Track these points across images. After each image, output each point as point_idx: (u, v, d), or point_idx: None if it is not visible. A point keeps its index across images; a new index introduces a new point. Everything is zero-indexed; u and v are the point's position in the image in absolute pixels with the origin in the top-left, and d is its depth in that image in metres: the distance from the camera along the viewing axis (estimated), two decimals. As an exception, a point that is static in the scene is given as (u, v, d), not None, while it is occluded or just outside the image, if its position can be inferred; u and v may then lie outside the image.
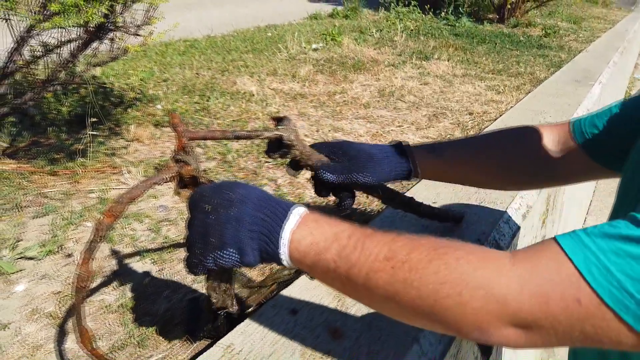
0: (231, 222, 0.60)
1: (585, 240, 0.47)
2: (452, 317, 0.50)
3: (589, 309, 0.45)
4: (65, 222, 1.47)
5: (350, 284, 0.57)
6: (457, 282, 0.49)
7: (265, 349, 0.85)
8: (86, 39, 1.50)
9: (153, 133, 2.16)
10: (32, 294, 1.21)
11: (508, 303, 0.47)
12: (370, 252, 0.56)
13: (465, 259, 0.50)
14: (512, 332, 0.48)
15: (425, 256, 0.52)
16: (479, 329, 0.49)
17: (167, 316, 1.15)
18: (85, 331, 0.77)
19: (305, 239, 0.59)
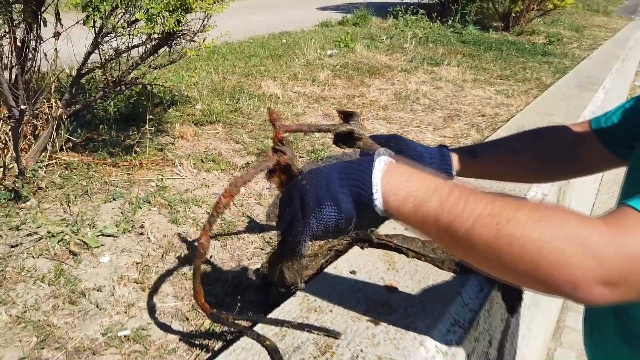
0: (322, 182, 0.66)
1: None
2: (552, 273, 0.54)
3: None
4: (133, 206, 1.66)
5: (450, 235, 0.60)
6: (561, 241, 0.53)
7: (335, 299, 1.03)
8: (156, 44, 1.70)
9: (195, 130, 2.35)
10: (116, 264, 1.40)
11: (604, 262, 0.52)
12: (474, 207, 0.58)
13: (568, 221, 0.55)
14: (600, 290, 0.53)
15: (531, 216, 0.56)
16: (573, 284, 0.53)
17: (236, 282, 1.34)
18: (200, 289, 0.93)
19: (401, 188, 0.63)
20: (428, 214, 0.62)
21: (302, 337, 0.92)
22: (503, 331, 1.38)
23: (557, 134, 1.10)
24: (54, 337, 1.14)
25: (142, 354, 1.11)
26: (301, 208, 0.69)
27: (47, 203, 1.67)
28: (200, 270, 0.90)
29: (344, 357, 0.86)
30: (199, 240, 0.86)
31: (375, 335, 0.92)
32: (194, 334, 1.17)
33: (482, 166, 1.11)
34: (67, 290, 1.28)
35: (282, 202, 0.74)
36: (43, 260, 1.39)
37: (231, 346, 0.90)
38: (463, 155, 1.09)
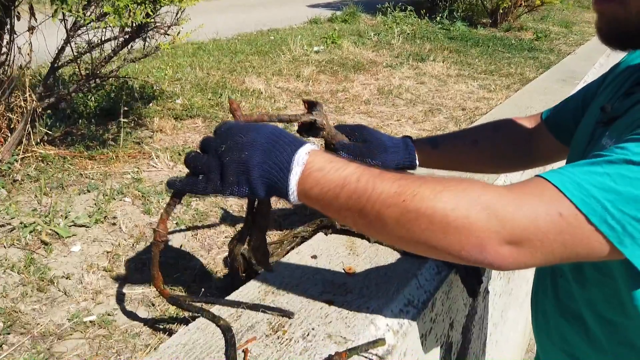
0: (241, 166, 0.64)
1: (560, 170, 0.57)
2: (459, 239, 0.56)
3: (569, 219, 0.54)
4: (107, 197, 1.68)
5: (364, 220, 0.62)
6: (465, 206, 0.56)
7: (293, 282, 1.05)
8: (128, 38, 1.71)
9: (174, 124, 2.37)
10: (86, 253, 1.42)
11: (506, 221, 0.55)
12: (381, 190, 0.60)
13: (470, 188, 0.57)
14: (506, 250, 0.55)
15: (434, 188, 0.58)
16: (480, 246, 0.56)
17: (205, 269, 1.36)
18: (158, 275, 0.95)
19: (313, 189, 0.63)
20: (340, 207, 0.63)
21: (256, 317, 0.94)
22: (468, 315, 1.41)
23: (514, 125, 1.13)
24: (21, 323, 1.16)
25: (107, 338, 1.13)
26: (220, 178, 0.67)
27: (21, 195, 1.69)
28: (157, 257, 0.91)
29: (296, 335, 0.89)
30: (156, 229, 0.87)
31: (328, 314, 0.95)
32: (158, 319, 1.19)
33: (444, 156, 1.13)
34: (36, 279, 1.29)
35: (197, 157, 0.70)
36: (14, 250, 1.41)
37: (186, 326, 0.92)
38: (425, 146, 1.12)
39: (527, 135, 1.11)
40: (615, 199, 0.53)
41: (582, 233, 0.54)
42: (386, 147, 1.09)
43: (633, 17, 0.64)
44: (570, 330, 0.82)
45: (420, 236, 0.59)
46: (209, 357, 0.83)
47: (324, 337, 0.88)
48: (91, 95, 2.52)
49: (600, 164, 0.55)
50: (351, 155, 1.06)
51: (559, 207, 0.54)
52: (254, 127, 0.69)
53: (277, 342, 0.87)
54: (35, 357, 1.07)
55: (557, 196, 0.55)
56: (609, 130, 0.71)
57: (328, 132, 1.05)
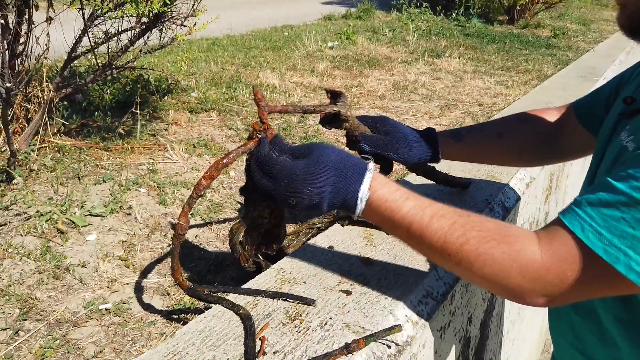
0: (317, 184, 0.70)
1: (580, 214, 0.60)
2: (498, 290, 0.66)
3: (597, 274, 0.58)
4: (122, 188, 1.68)
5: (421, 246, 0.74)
6: (502, 269, 0.64)
7: (310, 271, 1.04)
8: (144, 28, 1.71)
9: (189, 117, 2.37)
10: (102, 242, 1.42)
11: (539, 283, 0.62)
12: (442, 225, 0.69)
13: (507, 253, 0.64)
14: (541, 300, 0.63)
15: (474, 250, 0.66)
16: (519, 297, 0.66)
17: (219, 259, 1.35)
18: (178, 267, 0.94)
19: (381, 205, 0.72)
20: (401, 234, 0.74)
21: (273, 305, 0.92)
22: (486, 311, 1.38)
23: (541, 117, 1.09)
24: (37, 310, 1.16)
25: (122, 325, 1.12)
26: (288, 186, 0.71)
27: (38, 184, 1.69)
28: (178, 250, 0.90)
29: (313, 324, 0.87)
30: (177, 221, 0.85)
31: (346, 304, 0.93)
32: (173, 307, 1.18)
33: (468, 149, 1.11)
34: (52, 266, 1.30)
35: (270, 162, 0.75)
36: (30, 238, 1.41)
37: (202, 314, 0.91)
38: (449, 138, 1.09)
39: (555, 128, 1.07)
40: (635, 245, 0.55)
41: (610, 280, 0.57)
42: (409, 141, 1.05)
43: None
44: (583, 327, 0.80)
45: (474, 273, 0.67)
46: (225, 345, 0.82)
47: (342, 327, 0.86)
48: (107, 87, 2.53)
49: (616, 206, 0.57)
50: (373, 148, 1.03)
51: (587, 265, 0.58)
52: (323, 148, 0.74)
53: (295, 331, 0.85)
54: (51, 343, 1.07)
55: (585, 252, 0.58)
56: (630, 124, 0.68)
57: (351, 123, 1.02)
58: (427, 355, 0.99)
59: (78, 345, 1.07)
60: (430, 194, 1.34)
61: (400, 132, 1.05)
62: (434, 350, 1.04)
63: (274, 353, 0.80)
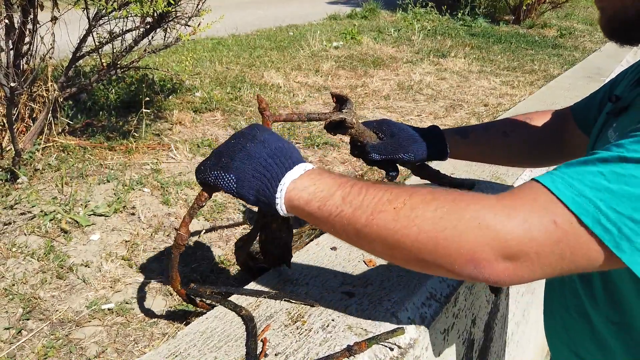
0: (243, 153, 0.65)
1: (554, 171, 0.53)
2: (450, 252, 0.53)
3: (563, 227, 0.49)
4: (126, 187, 1.68)
5: (353, 225, 0.60)
6: (453, 217, 0.53)
7: (313, 273, 1.03)
8: (149, 28, 1.71)
9: (193, 117, 2.37)
10: (105, 241, 1.42)
11: (498, 232, 0.51)
12: (373, 196, 0.59)
13: (459, 199, 0.55)
14: (502, 266, 0.52)
15: (424, 197, 0.56)
16: (473, 261, 0.52)
17: (222, 260, 1.35)
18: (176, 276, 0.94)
19: (308, 188, 0.63)
20: (331, 209, 0.61)
21: (275, 306, 0.92)
22: (490, 313, 1.37)
23: (544, 118, 1.09)
24: (40, 309, 1.16)
25: (125, 326, 1.12)
26: (216, 158, 0.68)
27: (42, 184, 1.70)
28: (177, 260, 0.89)
29: (315, 326, 0.87)
30: (177, 232, 0.84)
31: (348, 306, 0.92)
32: (176, 308, 1.18)
33: (473, 146, 1.10)
34: (55, 266, 1.30)
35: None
36: (34, 237, 1.41)
37: (204, 314, 0.91)
38: (455, 135, 1.09)
39: (558, 129, 1.07)
40: (609, 198, 0.48)
41: (578, 240, 0.50)
42: (415, 138, 1.05)
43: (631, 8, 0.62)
44: (576, 329, 0.80)
45: (411, 247, 0.56)
46: (227, 346, 0.81)
47: (344, 329, 0.86)
48: (112, 87, 2.53)
49: (593, 162, 0.51)
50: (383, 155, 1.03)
51: (553, 214, 0.50)
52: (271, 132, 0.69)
53: (297, 333, 0.85)
54: (54, 343, 1.07)
55: (550, 200, 0.50)
56: (616, 122, 0.68)
57: (356, 130, 1.01)
58: (430, 358, 0.98)
59: (80, 345, 1.07)
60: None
61: (405, 132, 1.04)
62: (437, 353, 1.03)
63: (275, 355, 0.79)
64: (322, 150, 2.13)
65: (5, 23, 1.45)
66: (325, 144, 2.18)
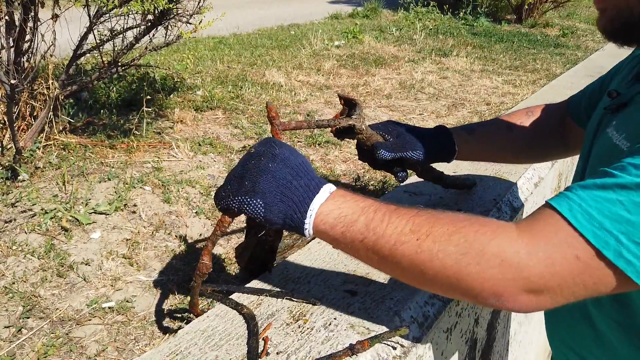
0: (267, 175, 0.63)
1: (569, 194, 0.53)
2: (472, 285, 0.54)
3: (586, 261, 0.51)
4: (127, 186, 1.67)
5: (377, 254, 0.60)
6: (476, 253, 0.54)
7: (315, 271, 1.02)
8: (149, 25, 1.70)
9: (195, 116, 2.36)
10: (106, 240, 1.41)
11: (522, 270, 0.51)
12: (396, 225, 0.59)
13: (481, 232, 0.55)
14: (525, 298, 0.52)
15: (446, 230, 0.56)
16: (496, 295, 0.53)
17: (224, 259, 1.34)
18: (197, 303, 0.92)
19: (333, 212, 0.63)
20: (355, 235, 0.62)
21: (277, 305, 0.91)
22: (493, 312, 1.36)
23: (546, 112, 1.08)
24: (40, 308, 1.15)
25: (125, 324, 1.11)
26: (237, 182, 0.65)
27: (43, 182, 1.69)
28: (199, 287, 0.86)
29: (317, 324, 0.86)
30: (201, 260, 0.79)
31: (351, 304, 0.91)
32: (176, 306, 1.18)
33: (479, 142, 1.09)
34: (55, 264, 1.29)
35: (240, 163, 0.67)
36: (35, 235, 1.41)
37: (205, 313, 0.90)
38: (461, 132, 1.08)
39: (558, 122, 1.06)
40: (631, 230, 0.49)
41: (601, 272, 0.51)
42: (423, 136, 1.04)
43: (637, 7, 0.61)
44: (578, 329, 0.79)
45: (435, 278, 0.57)
46: (228, 344, 0.80)
47: (346, 327, 0.85)
48: (113, 85, 2.53)
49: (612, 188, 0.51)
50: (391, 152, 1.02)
51: (575, 249, 0.51)
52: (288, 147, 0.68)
53: (298, 331, 0.84)
54: (54, 341, 1.06)
55: (572, 235, 0.51)
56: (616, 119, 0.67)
57: (365, 134, 1.00)
58: (433, 357, 0.97)
59: (81, 344, 1.06)
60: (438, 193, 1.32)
61: (413, 131, 1.03)
62: (440, 352, 1.02)
63: (277, 353, 0.79)
64: (323, 148, 2.12)
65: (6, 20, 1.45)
66: (327, 142, 2.17)
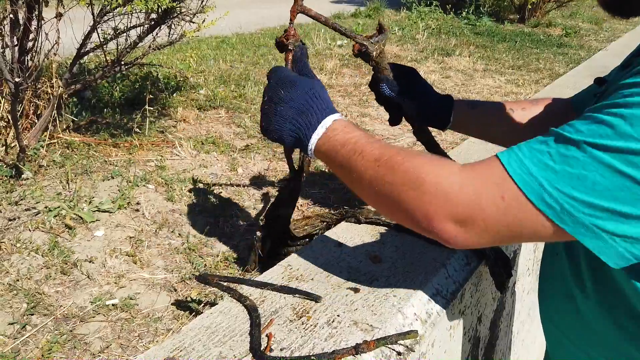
0: (277, 117, 0.75)
1: (514, 147, 0.58)
2: (412, 205, 0.62)
3: (510, 201, 0.55)
4: (130, 184, 1.68)
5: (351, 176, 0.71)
6: (419, 178, 0.62)
7: (318, 268, 1.03)
8: (153, 24, 1.71)
9: (198, 115, 2.37)
10: (109, 237, 1.41)
11: (450, 198, 0.59)
12: (370, 150, 0.69)
13: (429, 163, 0.63)
14: (452, 227, 0.59)
15: (401, 159, 0.65)
16: (427, 217, 0.61)
17: (227, 255, 1.34)
18: None
19: (324, 146, 0.73)
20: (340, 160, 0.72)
21: (280, 302, 0.91)
22: (496, 310, 1.36)
23: (553, 102, 1.12)
24: (44, 305, 1.16)
25: (129, 321, 1.12)
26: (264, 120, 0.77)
27: (47, 180, 1.70)
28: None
29: (320, 321, 0.86)
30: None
31: (354, 302, 0.92)
32: (180, 304, 1.18)
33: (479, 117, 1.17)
34: (59, 261, 1.30)
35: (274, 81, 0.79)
36: (39, 233, 1.41)
37: (209, 310, 0.91)
38: (463, 105, 1.13)
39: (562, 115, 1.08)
40: (553, 177, 0.54)
41: (525, 214, 0.55)
42: (428, 95, 1.11)
43: None
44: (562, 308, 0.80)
45: (386, 198, 0.66)
46: (231, 341, 0.81)
47: (349, 324, 0.85)
48: (116, 84, 2.54)
49: (547, 142, 0.56)
50: (391, 92, 1.08)
51: (502, 189, 0.56)
52: (296, 83, 0.77)
53: (302, 328, 0.84)
54: (58, 338, 1.06)
55: (503, 177, 0.56)
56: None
57: (378, 63, 1.05)
58: (436, 354, 0.98)
59: (85, 341, 1.07)
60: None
61: (422, 87, 1.12)
62: (443, 350, 1.02)
63: (281, 350, 0.79)
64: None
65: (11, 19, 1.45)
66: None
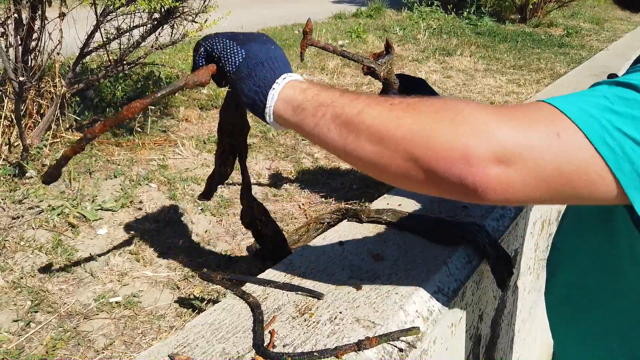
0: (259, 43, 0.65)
1: (556, 97, 0.51)
2: (443, 144, 0.49)
3: (567, 139, 0.47)
4: (133, 183, 1.69)
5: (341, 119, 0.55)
6: (451, 112, 0.50)
7: (320, 266, 1.03)
8: (156, 24, 1.72)
9: (200, 114, 2.38)
10: (112, 236, 1.42)
11: (496, 132, 0.48)
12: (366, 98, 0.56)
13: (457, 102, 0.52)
14: (494, 170, 0.47)
15: (419, 99, 0.53)
16: (465, 157, 0.47)
17: (229, 254, 1.35)
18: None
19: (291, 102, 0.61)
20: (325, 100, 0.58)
21: (282, 299, 0.92)
22: (497, 309, 1.37)
23: None
24: (48, 302, 1.17)
25: (132, 319, 1.13)
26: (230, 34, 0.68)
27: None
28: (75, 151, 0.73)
29: (323, 318, 0.87)
30: (91, 127, 0.72)
31: (356, 299, 0.92)
32: (183, 301, 1.19)
33: None
34: (63, 259, 1.30)
35: None
36: (42, 231, 1.42)
37: (212, 307, 0.91)
38: None
39: None
40: (614, 118, 0.47)
41: (582, 157, 0.47)
42: None
43: None
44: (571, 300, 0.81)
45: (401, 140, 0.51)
46: (234, 337, 0.81)
47: (352, 321, 0.86)
48: (118, 84, 2.54)
49: (599, 88, 0.50)
50: None
51: (557, 127, 0.48)
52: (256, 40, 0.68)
53: (304, 324, 0.85)
54: (62, 335, 1.07)
55: (556, 114, 0.48)
56: None
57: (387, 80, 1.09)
58: (437, 352, 0.98)
59: (88, 338, 1.07)
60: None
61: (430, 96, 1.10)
62: (444, 347, 1.03)
63: (283, 346, 0.79)
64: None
65: (14, 18, 1.46)
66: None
